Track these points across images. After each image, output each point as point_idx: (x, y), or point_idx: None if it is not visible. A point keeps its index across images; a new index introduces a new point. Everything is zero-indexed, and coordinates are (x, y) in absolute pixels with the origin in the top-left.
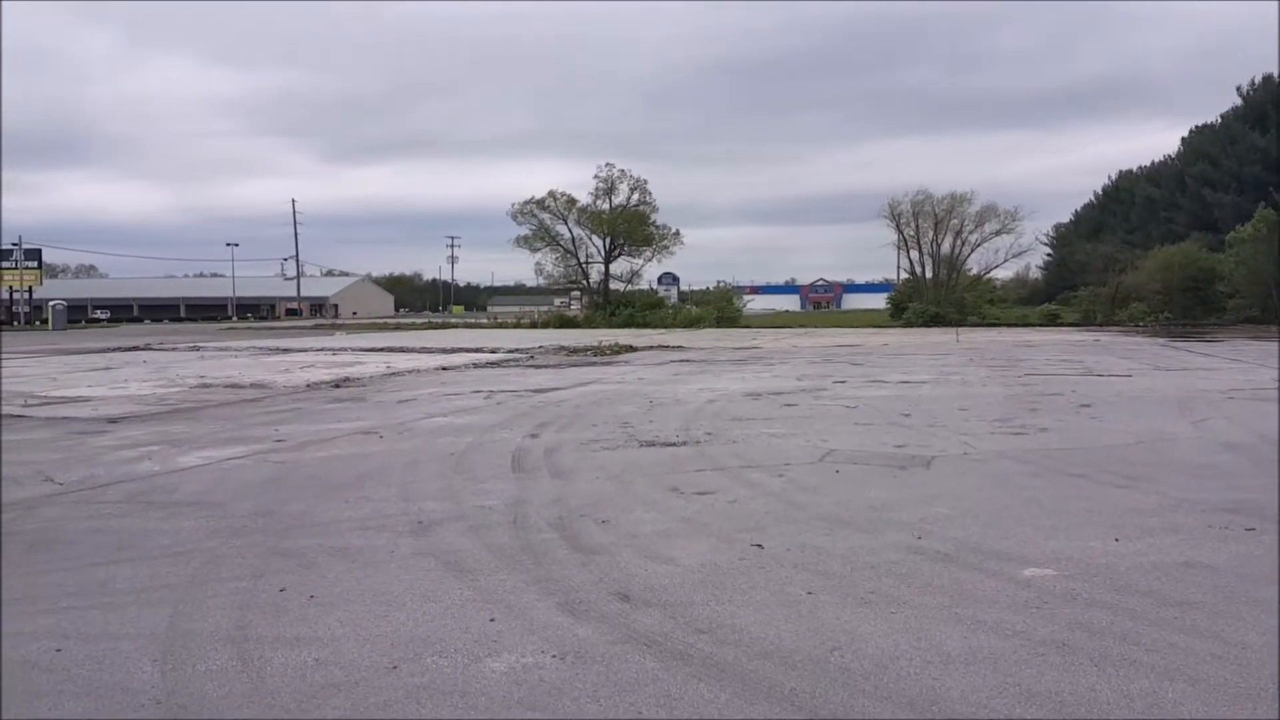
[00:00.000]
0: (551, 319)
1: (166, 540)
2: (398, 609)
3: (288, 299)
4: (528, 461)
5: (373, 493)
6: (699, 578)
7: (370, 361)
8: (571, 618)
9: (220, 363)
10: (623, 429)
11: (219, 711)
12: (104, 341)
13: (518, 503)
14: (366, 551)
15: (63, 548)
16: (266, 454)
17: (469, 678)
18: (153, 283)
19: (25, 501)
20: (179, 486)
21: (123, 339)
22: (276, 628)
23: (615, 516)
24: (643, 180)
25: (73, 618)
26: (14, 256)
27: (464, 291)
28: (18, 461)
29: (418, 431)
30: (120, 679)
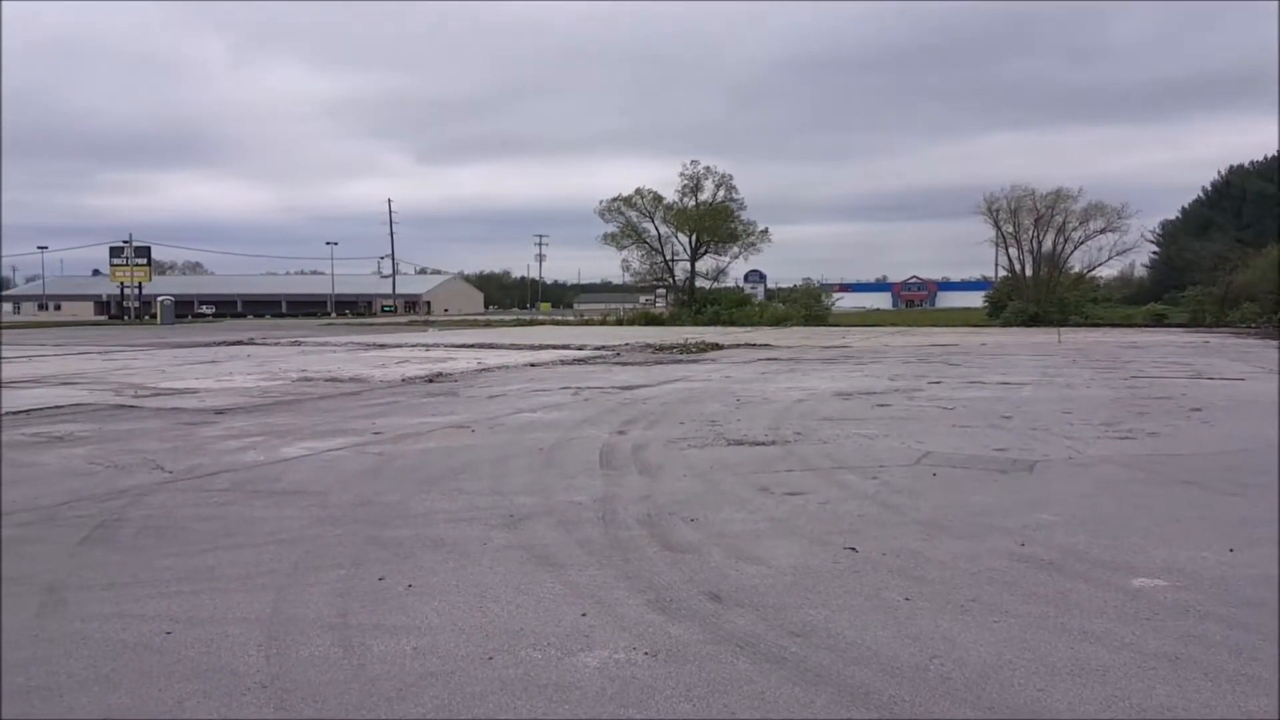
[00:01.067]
0: (637, 316)
1: (270, 528)
2: (492, 600)
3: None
4: (615, 458)
5: (465, 485)
6: (791, 580)
7: (461, 357)
8: (663, 615)
9: (320, 357)
10: (710, 427)
11: (321, 697)
12: (210, 336)
13: (606, 499)
14: (460, 543)
15: (172, 534)
16: (365, 446)
17: (563, 671)
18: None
19: (136, 489)
20: (282, 476)
21: (227, 334)
22: (376, 615)
23: (704, 515)
24: (729, 176)
25: (182, 602)
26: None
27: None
28: (129, 450)
29: (507, 426)
30: (227, 662)
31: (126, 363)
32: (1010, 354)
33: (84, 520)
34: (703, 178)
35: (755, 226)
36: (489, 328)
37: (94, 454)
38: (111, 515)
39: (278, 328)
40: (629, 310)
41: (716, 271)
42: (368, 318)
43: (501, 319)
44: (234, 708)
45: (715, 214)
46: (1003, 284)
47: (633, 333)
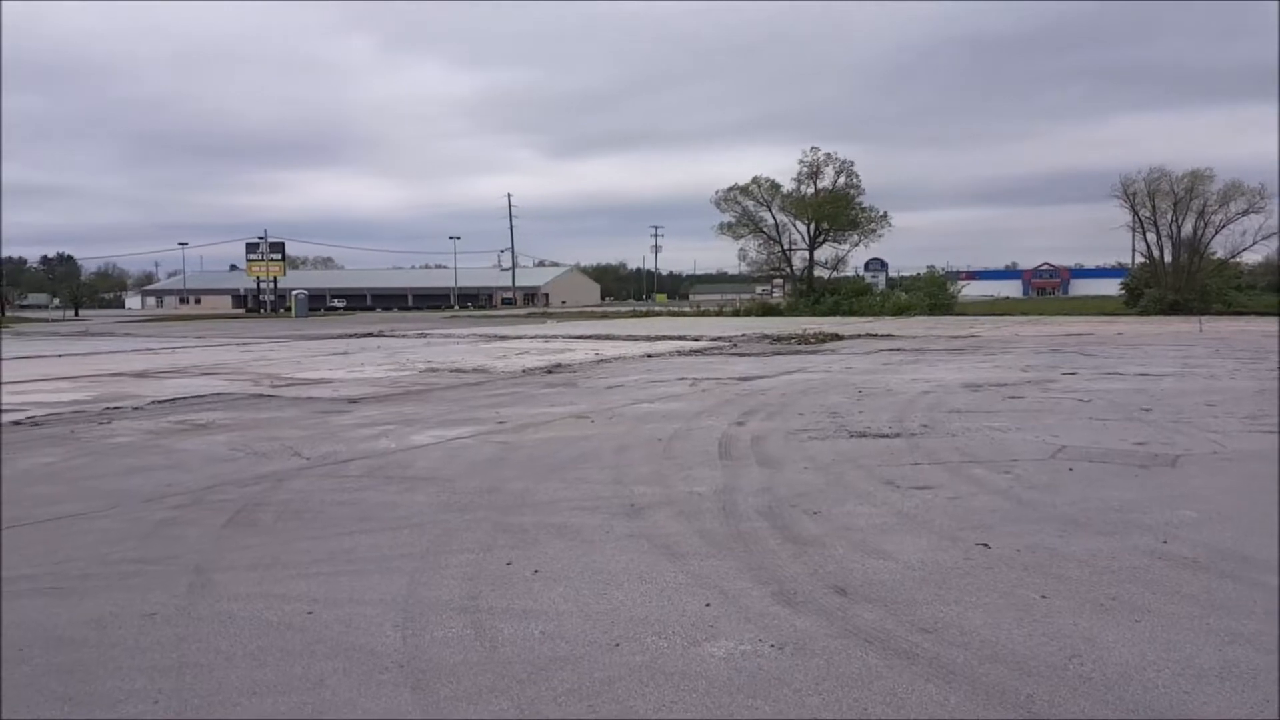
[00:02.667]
0: (754, 307)
1: (403, 513)
2: (616, 588)
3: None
4: (735, 449)
5: (587, 474)
6: (920, 575)
7: (579, 349)
8: (788, 608)
9: (445, 349)
10: (831, 419)
11: (456, 677)
12: (341, 328)
13: (726, 490)
14: (584, 531)
15: (310, 517)
16: (489, 434)
17: (689, 660)
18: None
19: (276, 474)
20: (412, 463)
21: (357, 326)
22: (505, 599)
23: (827, 508)
24: (849, 163)
25: (321, 583)
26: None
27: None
28: (268, 438)
29: (626, 417)
30: (365, 641)
31: (263, 354)
32: (1149, 344)
33: (228, 504)
34: (822, 165)
35: (876, 213)
36: (605, 319)
37: (235, 441)
38: (253, 500)
39: (404, 320)
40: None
41: (836, 260)
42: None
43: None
44: (372, 685)
45: (835, 201)
46: (1140, 271)
47: (749, 323)
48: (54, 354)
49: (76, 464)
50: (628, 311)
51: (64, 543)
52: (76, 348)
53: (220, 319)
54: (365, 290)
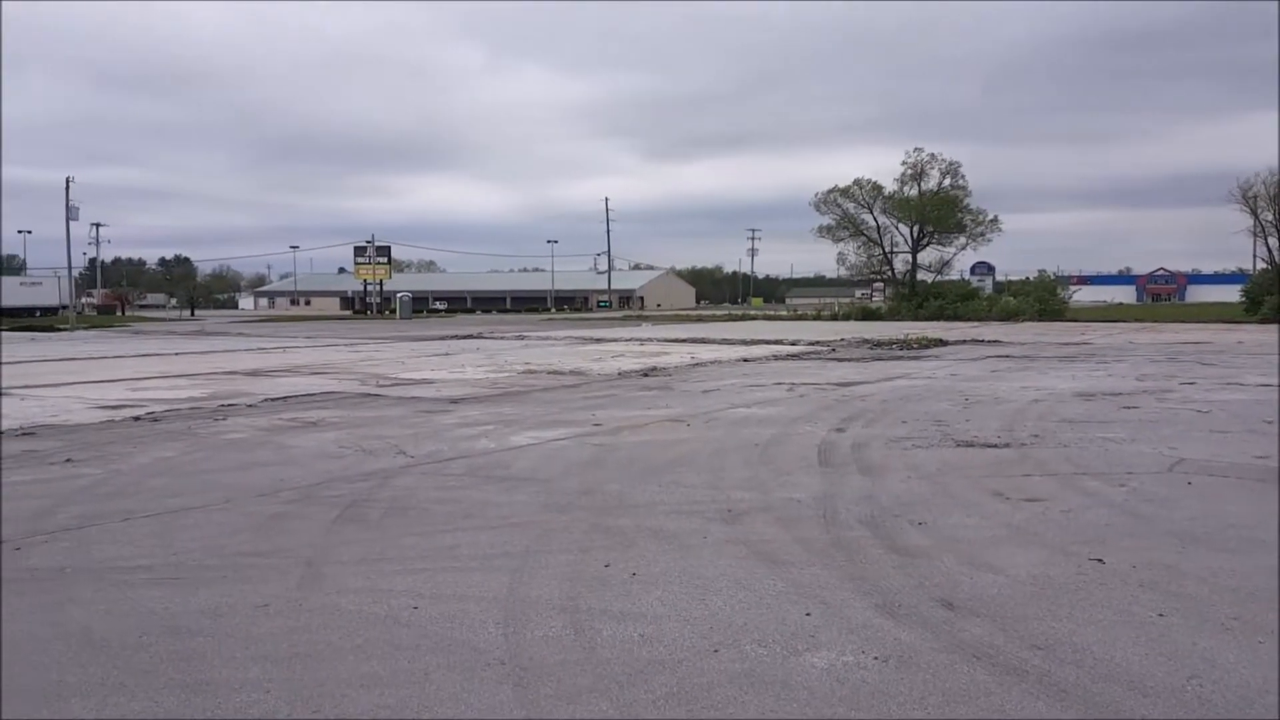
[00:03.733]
0: (853, 311)
1: (503, 512)
2: (714, 594)
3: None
4: (834, 456)
5: (683, 478)
6: (1031, 590)
7: (675, 352)
8: (891, 620)
9: (542, 351)
10: (936, 427)
11: (556, 677)
12: (442, 330)
13: (826, 497)
14: (681, 535)
15: (415, 514)
16: (586, 436)
17: (789, 670)
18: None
19: (382, 472)
20: (512, 463)
21: (458, 328)
22: (604, 601)
23: (933, 519)
24: (955, 164)
25: (426, 579)
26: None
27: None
28: (375, 436)
29: (722, 421)
30: (468, 638)
31: (369, 354)
32: (1270, 353)
33: (337, 500)
34: (927, 165)
35: (984, 215)
36: (700, 322)
37: (343, 439)
38: (360, 496)
39: (503, 322)
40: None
41: (940, 263)
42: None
43: (713, 314)
44: (475, 681)
45: (940, 203)
46: (1261, 276)
47: (848, 328)
48: (172, 352)
49: (193, 459)
50: (723, 315)
51: (181, 535)
52: (193, 346)
53: (328, 320)
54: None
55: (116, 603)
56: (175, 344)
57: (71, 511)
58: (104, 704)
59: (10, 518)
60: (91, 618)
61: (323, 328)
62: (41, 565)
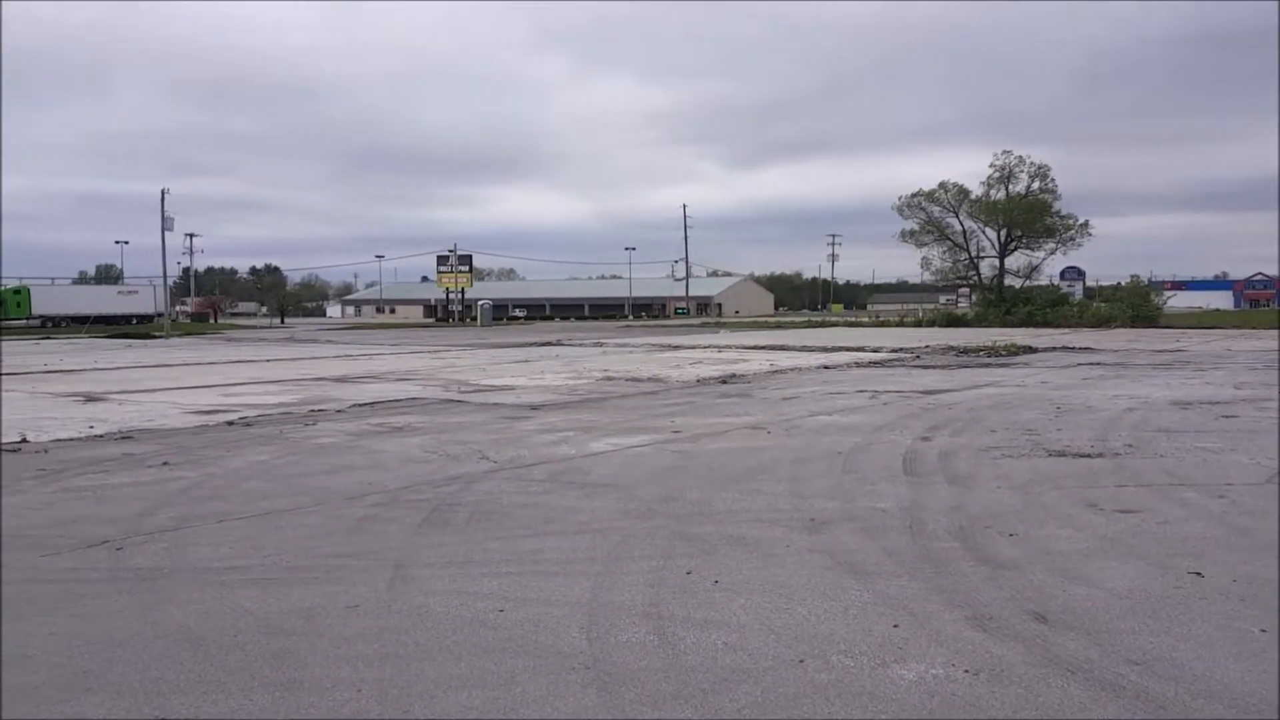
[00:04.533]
0: (938, 317)
1: (585, 518)
2: (798, 603)
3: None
4: (921, 465)
5: (764, 486)
6: (1127, 604)
7: (753, 359)
8: (982, 633)
9: (620, 358)
10: (1026, 436)
11: (640, 683)
12: (522, 337)
13: (913, 507)
14: (763, 543)
15: (499, 519)
16: (665, 443)
17: (877, 682)
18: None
19: (466, 476)
20: (592, 469)
21: (537, 335)
22: (686, 608)
23: (1024, 530)
24: (1045, 167)
25: (511, 582)
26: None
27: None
28: (458, 441)
29: (803, 429)
30: (553, 642)
31: (452, 361)
32: None
33: (423, 503)
34: (1015, 169)
35: (1074, 220)
36: (779, 329)
37: (428, 444)
38: (446, 500)
39: (581, 329)
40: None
41: (1028, 269)
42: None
43: (792, 320)
44: (561, 685)
45: (1028, 207)
46: None
47: (932, 334)
48: (263, 359)
49: (284, 463)
50: (802, 321)
51: (274, 536)
52: (283, 353)
53: (412, 327)
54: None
55: (213, 602)
56: (266, 351)
57: (169, 513)
58: (201, 700)
59: (111, 519)
60: (189, 617)
61: (406, 335)
62: (142, 565)
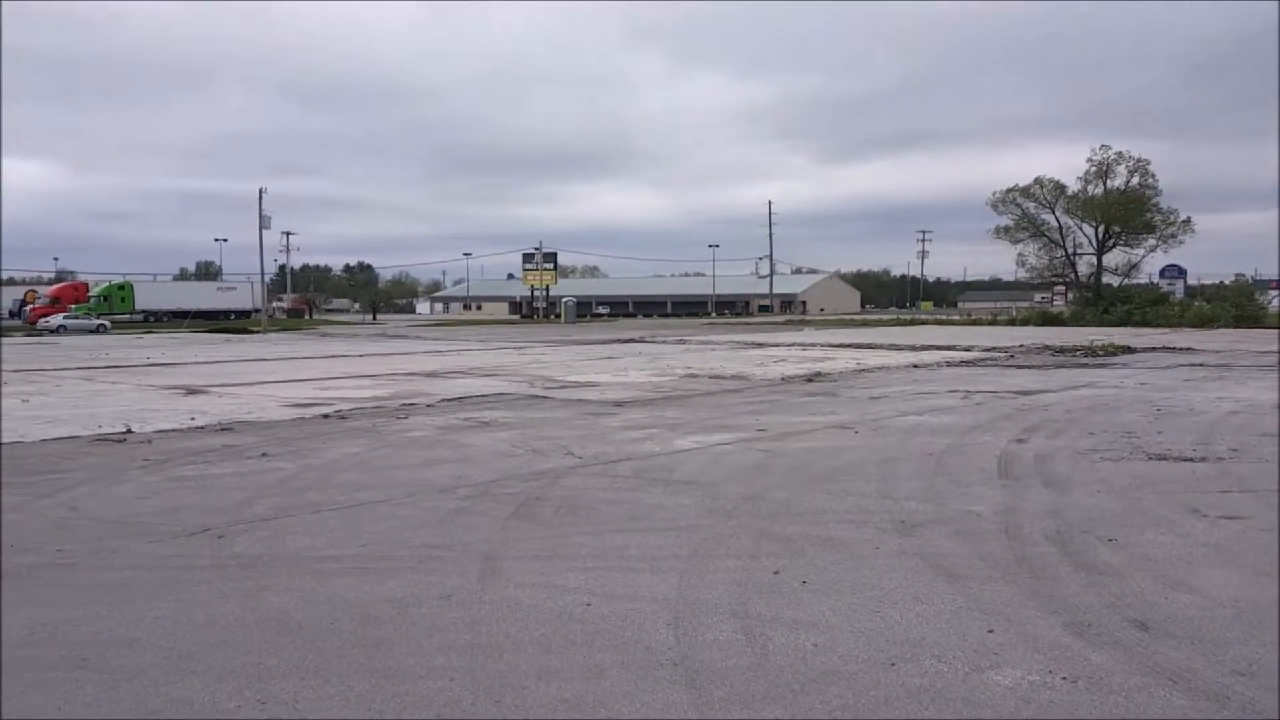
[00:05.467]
0: (1032, 315)
1: (670, 515)
2: (889, 606)
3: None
4: (1016, 468)
5: (852, 487)
6: (1231, 613)
7: (839, 357)
8: (1080, 640)
9: (703, 355)
10: (1126, 439)
11: (728, 681)
12: (605, 334)
13: (1008, 511)
14: (852, 544)
15: (584, 514)
16: (750, 442)
17: (970, 687)
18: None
19: (553, 471)
20: (677, 467)
21: (620, 332)
22: (774, 608)
23: (1124, 535)
24: (1144, 162)
25: (597, 577)
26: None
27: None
28: (544, 437)
29: (892, 429)
30: (640, 637)
31: (537, 357)
32: None
33: (510, 497)
34: (1113, 163)
35: (1175, 216)
36: (866, 327)
37: (515, 439)
38: (533, 494)
39: (664, 327)
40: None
41: (1127, 267)
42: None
43: (879, 318)
44: (649, 680)
45: (1127, 202)
46: None
47: (1026, 333)
48: (356, 354)
49: (377, 455)
50: (890, 319)
51: (368, 527)
52: (375, 348)
53: (497, 324)
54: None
55: (310, 590)
56: (359, 346)
57: (268, 503)
58: (300, 686)
59: (213, 508)
60: (287, 603)
61: (492, 331)
62: (243, 553)
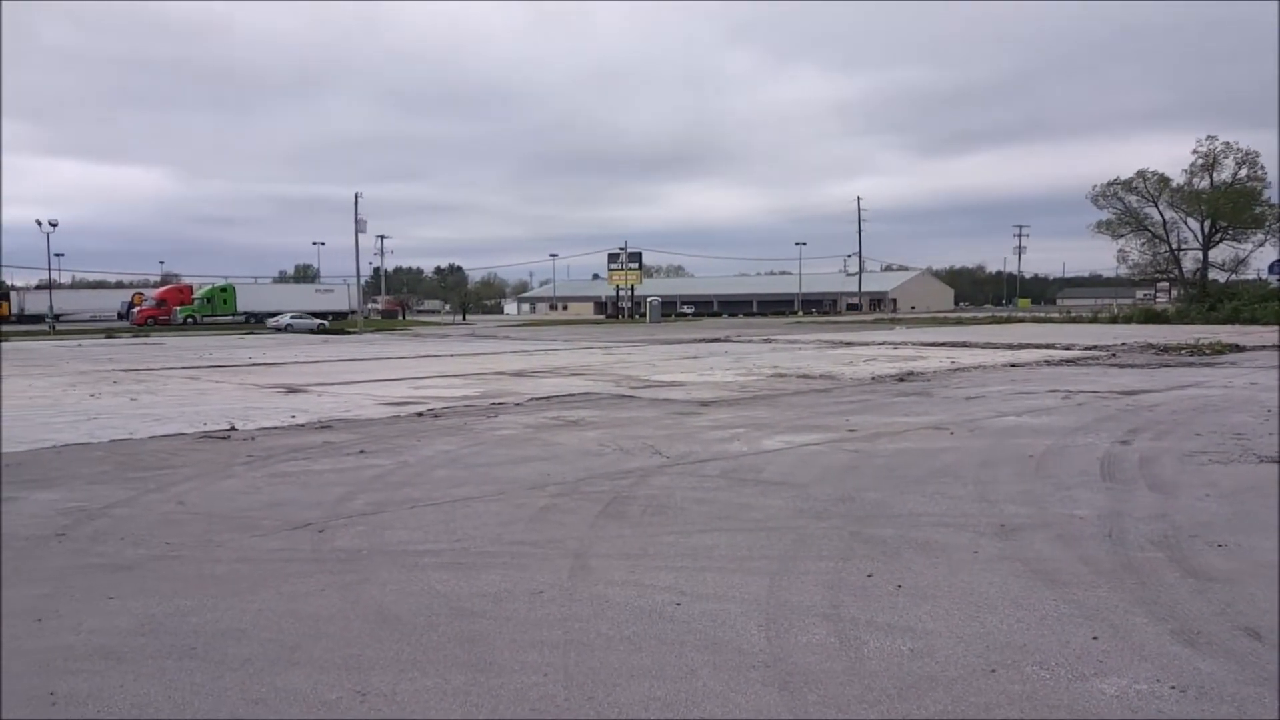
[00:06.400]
0: (1134, 313)
1: (759, 515)
2: (989, 611)
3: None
4: (1120, 471)
5: (948, 489)
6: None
7: (932, 356)
8: (1189, 648)
9: (790, 354)
10: (1236, 441)
11: (822, 685)
12: (690, 333)
13: (1112, 515)
14: (949, 548)
15: (672, 513)
16: (840, 442)
17: (1075, 695)
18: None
19: (640, 470)
20: (765, 467)
21: (705, 331)
22: (868, 612)
23: (1235, 541)
24: (1253, 153)
25: (687, 576)
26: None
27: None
28: (631, 436)
29: (989, 430)
30: (731, 638)
31: (622, 357)
32: None
33: (599, 495)
34: (1220, 155)
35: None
36: (960, 325)
37: (603, 437)
38: (621, 493)
39: (749, 326)
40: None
41: (1235, 262)
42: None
43: (974, 316)
44: (741, 682)
45: (1235, 196)
46: None
47: (1128, 331)
48: (447, 354)
49: (470, 452)
50: (985, 317)
51: (462, 523)
52: (465, 348)
53: (583, 324)
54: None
55: (407, 583)
56: (450, 346)
57: (366, 498)
58: (399, 679)
59: (314, 503)
60: (385, 596)
61: (578, 331)
62: (343, 547)
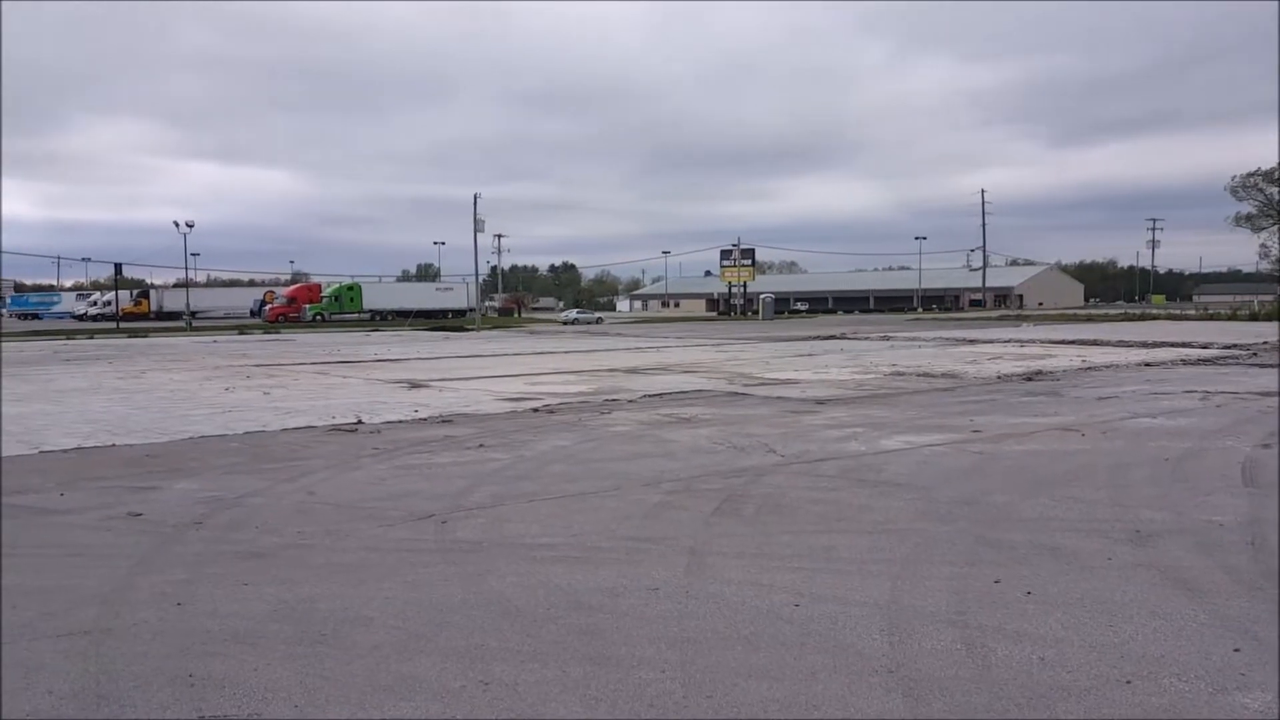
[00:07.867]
0: (1276, 310)
1: (878, 517)
2: (1124, 621)
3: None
4: (1263, 475)
5: (1079, 493)
6: None
7: (1061, 354)
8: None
9: (909, 352)
10: None
11: (948, 693)
12: (804, 330)
13: (1255, 522)
14: (1080, 554)
15: (789, 512)
16: (964, 443)
17: (1215, 708)
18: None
19: (754, 469)
20: (884, 467)
21: (820, 328)
22: (996, 619)
23: None
24: None
25: (804, 577)
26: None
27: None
28: (745, 434)
29: (1122, 432)
30: (852, 641)
31: (735, 354)
32: None
33: (713, 493)
34: None
35: None
36: (1090, 322)
37: (716, 435)
38: (735, 491)
39: (865, 323)
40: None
41: None
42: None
43: (1105, 313)
44: (863, 686)
45: None
46: None
47: (1269, 329)
48: (561, 350)
49: (585, 448)
50: (1117, 314)
51: (579, 517)
52: (579, 345)
53: (695, 321)
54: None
55: (526, 576)
56: (564, 343)
57: (486, 491)
58: (520, 669)
59: (437, 495)
60: (506, 588)
61: (690, 328)
62: (465, 538)
